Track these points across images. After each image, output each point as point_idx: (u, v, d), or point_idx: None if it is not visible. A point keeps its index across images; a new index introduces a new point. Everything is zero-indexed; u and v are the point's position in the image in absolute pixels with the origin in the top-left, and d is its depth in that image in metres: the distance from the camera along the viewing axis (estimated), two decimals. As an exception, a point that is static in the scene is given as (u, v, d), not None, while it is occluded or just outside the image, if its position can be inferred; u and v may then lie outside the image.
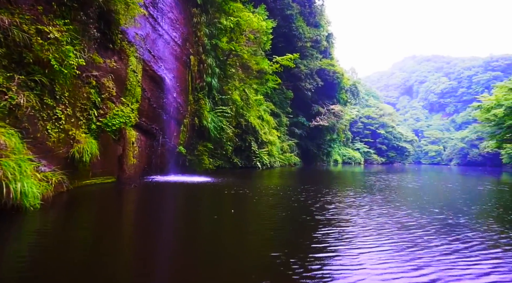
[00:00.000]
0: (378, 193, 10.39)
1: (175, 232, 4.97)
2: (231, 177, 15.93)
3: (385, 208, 7.25)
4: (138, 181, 10.91)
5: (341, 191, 10.76)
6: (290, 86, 36.35)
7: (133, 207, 7.06)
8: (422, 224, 5.64)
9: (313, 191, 10.12)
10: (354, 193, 10.40)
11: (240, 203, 7.77)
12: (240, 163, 23.83)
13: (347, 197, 9.08)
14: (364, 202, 8.15)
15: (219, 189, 10.23)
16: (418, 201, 8.83)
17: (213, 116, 15.94)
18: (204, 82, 15.50)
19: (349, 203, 7.89)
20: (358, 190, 11.28)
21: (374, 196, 9.57)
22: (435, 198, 9.95)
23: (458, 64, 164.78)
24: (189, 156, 15.63)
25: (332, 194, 9.67)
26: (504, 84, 39.53)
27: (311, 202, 7.84)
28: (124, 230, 5.02)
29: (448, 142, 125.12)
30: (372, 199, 8.69)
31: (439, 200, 9.52)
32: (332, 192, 10.45)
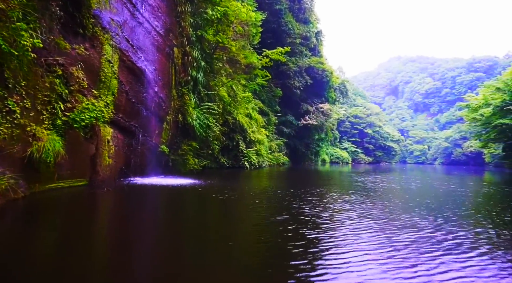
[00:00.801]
0: (379, 201, 9.57)
1: (146, 256, 3.94)
2: (218, 178, 14.91)
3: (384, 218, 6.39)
4: (113, 184, 9.78)
5: (336, 196, 9.89)
6: (278, 84, 35.50)
7: (99, 216, 5.97)
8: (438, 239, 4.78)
9: (308, 196, 9.23)
10: (352, 198, 9.54)
11: (230, 214, 6.78)
12: (228, 163, 22.80)
13: (345, 204, 8.20)
14: (368, 215, 7.28)
15: (205, 193, 9.21)
16: (422, 207, 8.02)
17: (199, 113, 14.87)
18: (189, 76, 14.41)
19: (349, 213, 7.00)
20: (356, 195, 10.43)
21: (375, 204, 8.73)
22: (438, 203, 9.19)
23: (442, 65, 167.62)
24: (172, 155, 14.52)
25: (329, 202, 8.79)
26: (491, 84, 39.71)
27: (308, 211, 6.91)
28: (79, 252, 3.96)
29: (433, 141, 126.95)
30: (376, 210, 7.83)
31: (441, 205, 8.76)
32: (326, 197, 9.57)
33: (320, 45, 44.66)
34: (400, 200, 9.05)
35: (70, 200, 7.05)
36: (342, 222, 5.59)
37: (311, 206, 7.19)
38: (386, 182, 15.40)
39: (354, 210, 6.81)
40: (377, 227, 5.27)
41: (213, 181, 12.64)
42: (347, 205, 7.60)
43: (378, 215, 6.34)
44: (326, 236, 4.60)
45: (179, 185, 10.62)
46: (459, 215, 6.74)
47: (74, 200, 7.07)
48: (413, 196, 10.13)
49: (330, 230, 4.94)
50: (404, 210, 7.12)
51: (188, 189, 9.77)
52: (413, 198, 9.56)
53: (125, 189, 9.11)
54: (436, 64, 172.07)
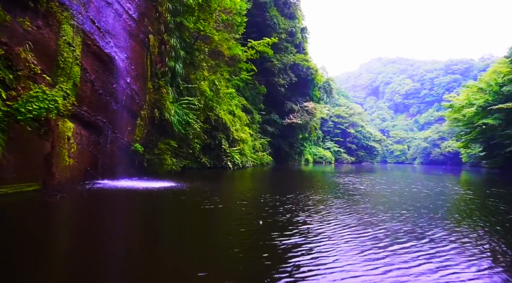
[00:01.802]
0: (365, 206, 8.54)
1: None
2: (199, 180, 13.60)
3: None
4: (74, 188, 8.34)
5: (322, 201, 8.80)
6: (262, 81, 34.34)
7: (29, 236, 4.58)
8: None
9: (294, 202, 8.09)
10: (338, 203, 8.47)
11: (212, 232, 5.54)
12: (209, 163, 21.46)
13: (332, 210, 7.11)
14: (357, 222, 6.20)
15: (182, 199, 7.91)
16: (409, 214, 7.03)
17: (177, 108, 13.48)
18: (166, 67, 13.00)
19: (337, 222, 5.90)
20: (343, 200, 9.38)
21: (365, 210, 7.70)
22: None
23: (421, 66, 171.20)
24: (147, 155, 13.10)
25: (316, 208, 7.68)
26: (474, 84, 39.94)
27: (298, 220, 5.76)
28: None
29: (412, 141, 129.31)
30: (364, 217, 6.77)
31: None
32: (313, 203, 8.47)
33: (305, 42, 43.75)
34: (390, 207, 8.04)
35: (6, 211, 5.61)
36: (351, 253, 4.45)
37: (311, 221, 6.05)
38: (372, 185, 14.54)
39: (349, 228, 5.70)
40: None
41: (193, 183, 11.33)
42: (342, 218, 6.50)
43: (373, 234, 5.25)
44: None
45: (153, 188, 9.26)
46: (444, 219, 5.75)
47: (12, 211, 5.63)
48: (400, 201, 9.17)
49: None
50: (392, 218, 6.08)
51: (163, 194, 8.43)
52: (400, 203, 8.59)
53: (84, 195, 7.68)
54: (415, 66, 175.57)
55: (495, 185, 17.51)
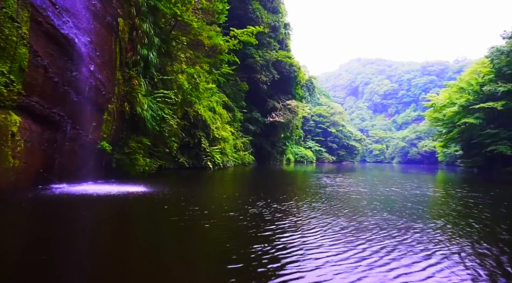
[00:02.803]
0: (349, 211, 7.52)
1: None
2: (175, 182, 12.28)
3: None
4: (10, 196, 6.85)
5: (307, 207, 7.71)
6: (244, 77, 33.08)
7: None
8: None
9: (281, 209, 6.96)
10: (323, 208, 7.41)
11: (194, 270, 4.27)
12: (188, 163, 20.07)
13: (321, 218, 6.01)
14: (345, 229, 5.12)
15: (153, 211, 6.57)
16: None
17: (151, 102, 12.04)
18: (139, 56, 11.54)
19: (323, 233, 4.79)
20: (326, 204, 8.34)
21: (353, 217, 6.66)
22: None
23: (399, 67, 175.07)
24: (117, 154, 11.62)
25: (302, 215, 6.56)
26: (455, 84, 40.24)
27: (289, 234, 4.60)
28: None
29: (390, 141, 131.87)
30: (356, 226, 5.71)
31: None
32: (298, 207, 7.35)
33: (288, 39, 42.77)
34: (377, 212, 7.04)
35: None
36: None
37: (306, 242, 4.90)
38: (356, 186, 13.67)
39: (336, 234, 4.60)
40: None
41: (169, 187, 9.97)
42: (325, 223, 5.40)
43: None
44: None
45: (118, 194, 7.87)
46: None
47: None
48: (386, 204, 8.21)
49: None
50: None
51: (128, 202, 7.07)
52: (386, 207, 7.63)
53: (23, 204, 6.22)
54: (393, 67, 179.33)
55: (483, 185, 17.07)
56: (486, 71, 35.01)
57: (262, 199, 8.07)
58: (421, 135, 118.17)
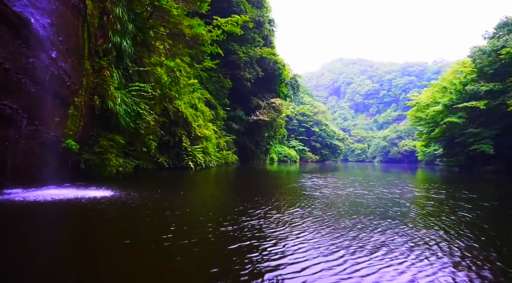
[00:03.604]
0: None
1: None
2: (152, 185, 11.13)
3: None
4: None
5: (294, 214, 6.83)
6: (228, 74, 31.96)
7: None
8: None
9: (269, 217, 6.02)
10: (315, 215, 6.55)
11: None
12: (168, 163, 18.87)
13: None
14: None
15: (119, 226, 5.48)
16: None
17: (125, 96, 10.82)
18: (110, 44, 10.31)
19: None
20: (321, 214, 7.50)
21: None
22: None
23: (380, 68, 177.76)
24: (85, 154, 10.36)
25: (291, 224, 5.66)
26: (438, 83, 40.47)
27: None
28: None
29: (372, 140, 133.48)
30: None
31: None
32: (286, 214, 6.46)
33: (272, 36, 41.82)
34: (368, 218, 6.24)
35: None
36: None
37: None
38: (341, 188, 12.94)
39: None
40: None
41: (144, 191, 8.83)
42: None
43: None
44: None
45: (79, 200, 6.71)
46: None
47: None
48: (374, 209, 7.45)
49: None
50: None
51: (86, 212, 5.93)
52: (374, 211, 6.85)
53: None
54: (374, 67, 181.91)
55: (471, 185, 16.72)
56: (469, 70, 35.23)
57: (250, 207, 7.10)
58: (402, 134, 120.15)
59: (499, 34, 34.89)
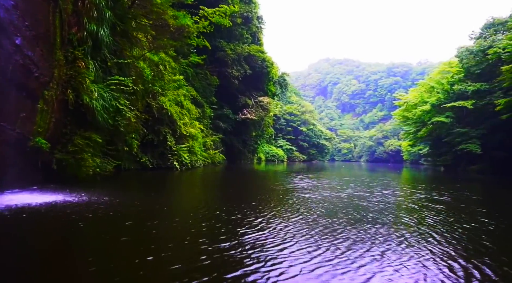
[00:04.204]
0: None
1: None
2: (133, 187, 10.27)
3: None
4: None
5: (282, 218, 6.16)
6: (215, 72, 31.06)
7: None
8: None
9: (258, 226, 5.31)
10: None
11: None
12: (152, 163, 17.93)
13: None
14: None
15: (86, 238, 4.65)
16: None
17: (103, 90, 9.88)
18: (86, 32, 9.37)
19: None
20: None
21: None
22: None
23: (366, 68, 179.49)
24: (58, 154, 9.38)
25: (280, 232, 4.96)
26: (425, 82, 40.60)
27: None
28: None
29: (358, 140, 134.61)
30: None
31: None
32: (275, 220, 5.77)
33: (260, 33, 41.09)
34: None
35: None
36: None
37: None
38: (340, 190, 12.39)
39: None
40: None
41: (120, 195, 7.97)
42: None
43: None
44: None
45: (44, 205, 5.82)
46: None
47: None
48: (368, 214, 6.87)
49: None
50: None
51: (43, 224, 5.07)
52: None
53: None
54: (360, 67, 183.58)
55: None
56: (456, 70, 35.40)
57: (248, 214, 6.36)
58: (387, 134, 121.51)
59: (485, 34, 35.16)
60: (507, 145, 29.54)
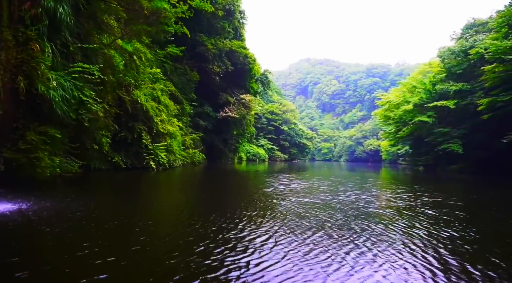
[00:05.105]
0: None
1: None
2: (101, 192, 8.90)
3: None
4: None
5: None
6: (195, 67, 29.64)
7: None
8: None
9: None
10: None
11: None
12: (125, 162, 16.50)
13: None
14: None
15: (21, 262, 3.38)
16: None
17: (63, 79, 8.48)
18: (41, 9, 7.95)
19: None
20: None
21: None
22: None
23: (346, 68, 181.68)
24: (7, 152, 7.93)
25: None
26: (407, 82, 40.66)
27: None
28: None
29: (338, 140, 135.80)
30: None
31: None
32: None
33: (242, 29, 39.88)
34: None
35: None
36: None
37: None
38: (337, 193, 11.50)
39: None
40: None
41: (73, 201, 6.65)
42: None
43: None
44: None
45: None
46: None
47: None
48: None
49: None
50: None
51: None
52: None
53: None
54: (341, 68, 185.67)
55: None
56: (437, 70, 35.52)
57: (237, 229, 5.22)
58: (367, 134, 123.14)
59: (466, 35, 35.44)
60: (487, 145, 29.73)
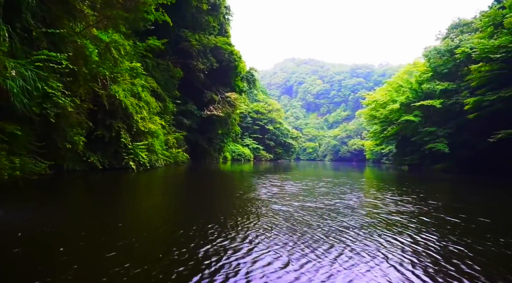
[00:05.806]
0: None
1: None
2: (70, 196, 7.85)
3: None
4: None
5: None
6: (178, 64, 28.50)
7: None
8: None
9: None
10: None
11: None
12: (102, 163, 15.37)
13: None
14: None
15: None
16: None
17: (23, 68, 7.38)
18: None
19: None
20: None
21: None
22: None
23: (330, 68, 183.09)
24: (-45, 152, 6.80)
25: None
26: (394, 81, 40.63)
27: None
28: None
29: (323, 139, 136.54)
30: None
31: None
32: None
33: (228, 25, 38.89)
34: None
35: None
36: None
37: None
38: (336, 195, 10.78)
39: None
40: None
41: (28, 209, 5.63)
42: None
43: None
44: None
45: None
46: None
47: None
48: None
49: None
50: None
51: None
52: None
53: None
54: (325, 68, 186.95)
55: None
56: (423, 70, 35.56)
57: (226, 242, 4.34)
58: (351, 133, 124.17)
59: (451, 35, 35.61)
60: (472, 144, 29.81)
